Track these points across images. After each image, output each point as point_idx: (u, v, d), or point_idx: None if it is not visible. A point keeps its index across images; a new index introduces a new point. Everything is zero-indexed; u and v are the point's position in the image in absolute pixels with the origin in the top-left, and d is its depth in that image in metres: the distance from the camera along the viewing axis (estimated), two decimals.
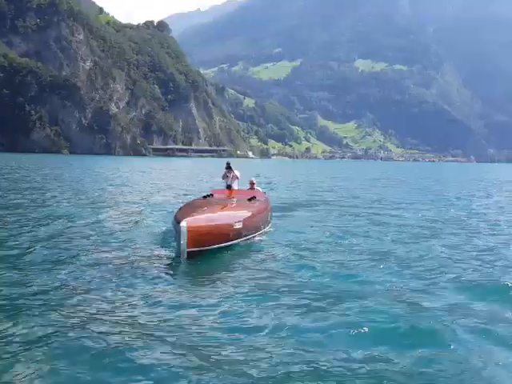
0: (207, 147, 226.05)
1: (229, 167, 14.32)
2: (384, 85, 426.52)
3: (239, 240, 10.30)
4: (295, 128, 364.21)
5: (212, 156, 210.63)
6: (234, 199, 12.50)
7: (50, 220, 13.31)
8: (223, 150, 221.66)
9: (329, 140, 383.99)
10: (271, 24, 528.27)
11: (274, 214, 14.22)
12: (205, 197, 13.07)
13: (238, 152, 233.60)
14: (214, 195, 13.33)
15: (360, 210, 18.23)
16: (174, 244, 9.48)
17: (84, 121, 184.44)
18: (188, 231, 8.69)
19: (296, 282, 7.53)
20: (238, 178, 14.56)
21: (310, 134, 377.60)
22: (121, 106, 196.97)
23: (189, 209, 10.66)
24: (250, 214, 11.14)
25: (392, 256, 9.59)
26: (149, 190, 26.45)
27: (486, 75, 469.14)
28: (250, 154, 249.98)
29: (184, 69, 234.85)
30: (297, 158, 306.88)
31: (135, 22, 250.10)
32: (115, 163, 78.97)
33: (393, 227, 13.76)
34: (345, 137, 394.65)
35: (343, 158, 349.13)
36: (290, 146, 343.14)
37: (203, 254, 8.97)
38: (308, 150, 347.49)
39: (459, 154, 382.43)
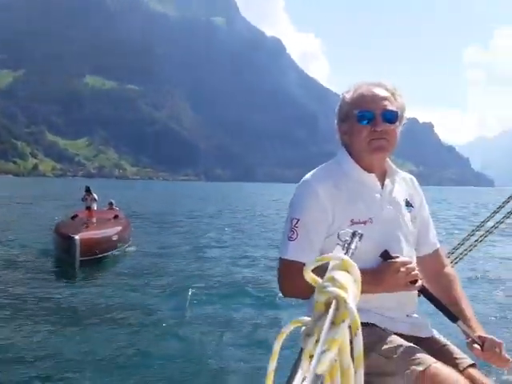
0: None
1: (88, 190, 16.51)
2: (117, 103, 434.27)
3: (116, 249, 12.85)
4: (19, 143, 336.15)
5: None
6: (95, 216, 14.95)
7: None
8: None
9: (59, 157, 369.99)
10: None
11: None
12: (72, 217, 14.92)
13: None
14: (79, 215, 15.22)
15: None
16: (56, 257, 11.99)
17: None
18: (81, 244, 11.03)
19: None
20: (96, 199, 16.56)
21: (38, 149, 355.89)
22: None
23: (70, 226, 12.89)
24: (121, 228, 13.76)
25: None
26: None
27: (212, 99, 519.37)
28: None
29: None
30: (23, 176, 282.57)
31: None
32: None
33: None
34: (77, 154, 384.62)
35: (75, 176, 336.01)
36: (14, 162, 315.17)
37: (92, 262, 11.34)
38: (36, 167, 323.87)
39: (191, 173, 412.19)
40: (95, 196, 16.69)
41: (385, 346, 1.69)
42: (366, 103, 1.81)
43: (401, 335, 1.79)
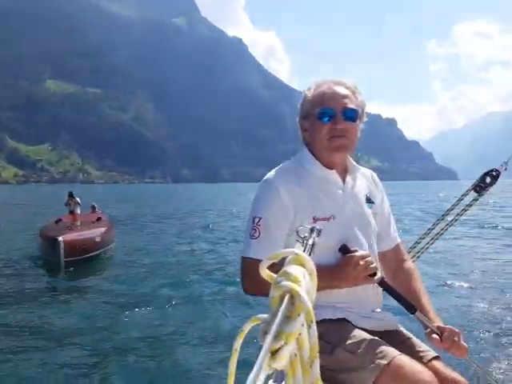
0: None
1: (71, 195, 16.99)
2: (79, 107, 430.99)
3: (100, 250, 13.31)
4: None
5: None
6: (79, 220, 15.65)
7: None
8: None
9: (21, 163, 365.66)
10: None
11: None
12: (56, 221, 15.48)
13: None
14: (63, 219, 15.77)
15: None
16: (41, 259, 12.38)
17: None
18: (65, 245, 11.40)
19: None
20: (79, 203, 17.27)
21: None
22: None
23: (55, 230, 13.41)
24: (104, 229, 14.19)
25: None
26: None
27: (176, 100, 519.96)
28: None
29: None
30: None
31: None
32: None
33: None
34: (39, 159, 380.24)
35: (38, 182, 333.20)
36: None
37: (76, 262, 11.70)
38: None
39: (157, 175, 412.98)
40: (78, 200, 17.23)
41: (350, 342, 1.71)
42: (327, 101, 1.82)
43: (366, 330, 1.80)
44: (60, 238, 11.48)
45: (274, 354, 0.55)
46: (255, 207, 1.85)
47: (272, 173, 1.88)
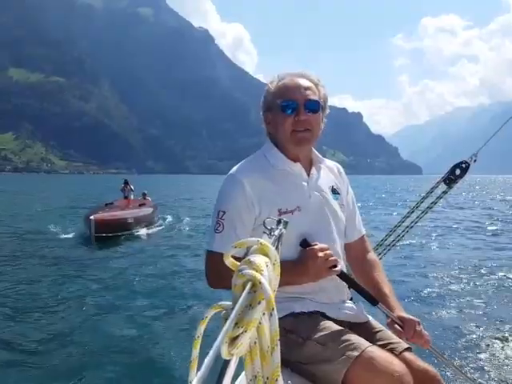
0: None
1: (126, 183, 20.37)
2: (43, 96, 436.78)
3: (132, 231, 15.34)
4: None
5: None
6: (130, 204, 18.72)
7: None
8: None
9: None
10: None
11: None
12: (106, 204, 18.69)
13: None
14: (114, 203, 18.77)
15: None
16: (86, 234, 14.89)
17: None
18: (95, 222, 13.77)
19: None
20: (132, 190, 20.36)
21: None
22: None
23: (95, 210, 16.29)
24: (140, 214, 16.55)
25: None
26: None
27: (142, 91, 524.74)
28: None
29: None
30: None
31: None
32: None
33: None
34: (3, 148, 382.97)
35: (2, 171, 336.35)
36: None
37: (107, 239, 13.81)
38: None
39: (122, 166, 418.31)
40: (132, 187, 20.36)
41: (321, 334, 1.72)
42: (290, 93, 1.85)
43: (337, 321, 1.83)
44: (92, 217, 14.20)
45: (234, 340, 0.56)
46: (220, 201, 1.86)
47: (237, 167, 1.90)
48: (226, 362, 0.55)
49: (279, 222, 1.03)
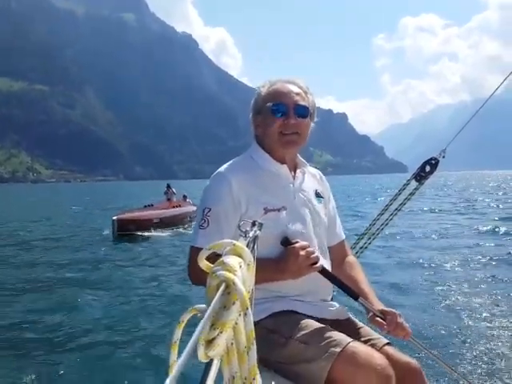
0: None
1: (168, 186, 22.55)
2: (27, 104, 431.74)
3: (158, 231, 16.11)
4: None
5: None
6: (170, 206, 19.85)
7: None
8: None
9: None
10: None
11: None
12: (145, 206, 20.07)
13: None
14: (154, 205, 19.96)
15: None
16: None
17: None
18: (117, 222, 15.27)
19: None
20: (174, 193, 22.43)
21: None
22: None
23: (124, 212, 17.93)
24: (168, 214, 17.42)
25: None
26: None
27: (127, 97, 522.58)
28: None
29: None
30: None
31: None
32: None
33: None
34: None
35: None
36: None
37: (126, 236, 15.11)
38: None
39: (109, 173, 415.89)
40: (174, 190, 22.38)
41: (303, 332, 1.74)
42: (280, 97, 1.92)
43: (318, 319, 1.85)
44: (114, 218, 15.56)
45: (210, 342, 0.56)
46: (206, 198, 1.91)
47: (224, 166, 1.95)
48: (208, 365, 0.54)
49: (254, 223, 1.04)
